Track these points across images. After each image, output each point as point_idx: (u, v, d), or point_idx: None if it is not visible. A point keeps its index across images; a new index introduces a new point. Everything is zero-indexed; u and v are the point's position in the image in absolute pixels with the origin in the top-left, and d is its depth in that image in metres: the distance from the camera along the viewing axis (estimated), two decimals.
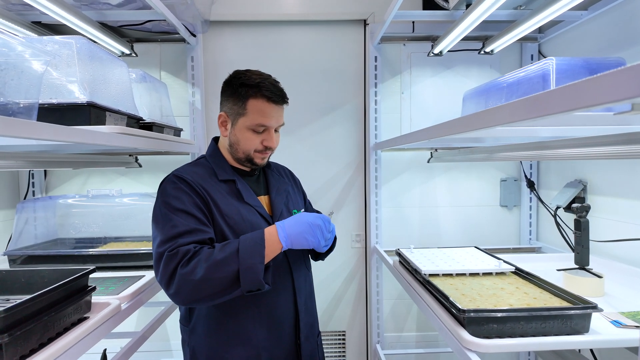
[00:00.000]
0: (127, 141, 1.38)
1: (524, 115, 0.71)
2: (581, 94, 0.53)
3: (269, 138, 1.23)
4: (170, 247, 1.07)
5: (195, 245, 1.08)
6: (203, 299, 1.05)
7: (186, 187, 1.18)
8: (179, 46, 2.22)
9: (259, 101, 1.19)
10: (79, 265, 1.69)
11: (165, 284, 1.06)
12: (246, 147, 1.24)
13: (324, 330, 2.40)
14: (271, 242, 1.09)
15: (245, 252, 1.05)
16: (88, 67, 1.35)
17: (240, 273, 1.03)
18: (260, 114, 1.20)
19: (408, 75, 2.31)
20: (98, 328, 1.15)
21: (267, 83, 1.20)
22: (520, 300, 1.16)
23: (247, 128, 1.22)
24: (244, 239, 1.09)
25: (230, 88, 1.24)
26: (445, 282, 1.36)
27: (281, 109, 1.24)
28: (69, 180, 2.25)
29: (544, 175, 2.26)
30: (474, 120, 0.89)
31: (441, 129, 1.12)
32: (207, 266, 1.02)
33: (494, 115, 0.82)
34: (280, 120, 1.25)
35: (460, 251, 1.73)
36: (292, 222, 1.13)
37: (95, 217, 1.92)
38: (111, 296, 1.34)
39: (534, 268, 1.48)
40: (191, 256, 1.05)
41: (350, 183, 2.37)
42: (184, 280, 1.03)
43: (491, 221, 2.38)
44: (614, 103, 0.48)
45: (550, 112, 0.62)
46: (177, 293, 1.04)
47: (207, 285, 1.03)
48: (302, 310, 1.27)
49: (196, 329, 1.24)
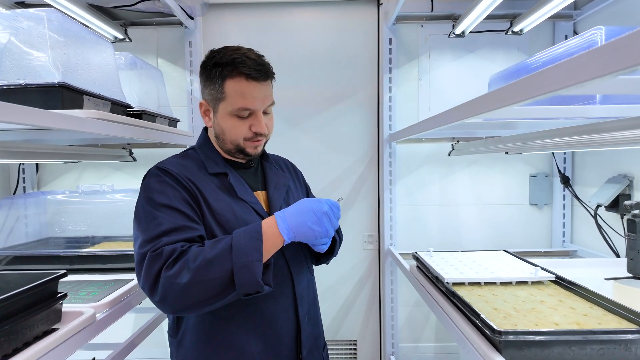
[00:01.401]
0: (107, 128, 1.23)
1: (598, 71, 0.50)
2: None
3: (257, 122, 1.06)
4: (154, 246, 0.92)
5: (183, 244, 0.93)
6: (193, 306, 0.90)
7: (171, 180, 1.02)
8: (177, 31, 2.06)
9: (237, 80, 1.02)
10: (65, 266, 1.56)
11: (149, 290, 0.91)
12: (233, 136, 1.07)
13: (333, 339, 2.21)
14: (270, 235, 0.94)
15: (240, 248, 0.90)
16: (62, 45, 1.20)
17: (235, 273, 0.88)
18: (240, 96, 1.02)
19: (426, 59, 2.10)
20: (66, 342, 0.99)
21: (244, 57, 1.01)
22: (567, 318, 0.95)
23: (229, 114, 1.05)
24: (238, 234, 0.94)
25: (206, 71, 1.07)
26: (473, 293, 1.15)
27: (266, 86, 1.06)
28: (62, 175, 2.12)
29: (579, 170, 2.02)
30: (520, 88, 0.69)
31: (473, 107, 0.91)
32: (196, 267, 0.88)
33: (546, 78, 0.62)
34: (267, 100, 1.06)
35: (487, 255, 1.51)
36: (294, 210, 0.98)
37: (86, 214, 1.78)
38: (86, 304, 1.18)
39: (574, 276, 1.26)
40: (177, 256, 0.90)
41: (362, 179, 2.17)
42: (169, 284, 0.88)
43: (519, 221, 2.15)
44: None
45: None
46: (163, 299, 0.90)
47: (197, 289, 0.88)
48: (304, 321, 1.11)
49: (184, 341, 1.09)
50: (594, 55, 0.51)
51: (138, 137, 1.42)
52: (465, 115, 0.95)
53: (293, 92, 2.14)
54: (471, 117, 0.93)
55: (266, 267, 0.94)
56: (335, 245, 1.18)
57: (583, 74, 0.53)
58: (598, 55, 0.51)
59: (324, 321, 2.17)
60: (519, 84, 0.72)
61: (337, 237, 1.18)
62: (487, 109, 0.83)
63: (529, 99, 0.69)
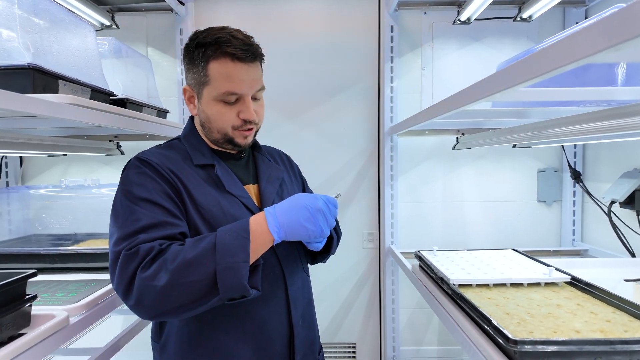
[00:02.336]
0: (85, 115, 1.13)
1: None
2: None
3: (245, 108, 0.96)
4: (129, 244, 0.83)
5: (162, 242, 0.83)
6: (172, 311, 0.81)
7: (152, 172, 0.93)
8: (167, 17, 1.97)
9: (222, 62, 0.92)
10: (46, 265, 1.47)
11: (123, 292, 0.82)
12: (220, 124, 0.97)
13: (331, 341, 2.11)
14: (258, 233, 0.85)
15: (225, 247, 0.81)
16: (35, 25, 1.10)
17: (218, 275, 0.79)
18: (226, 79, 0.92)
19: (430, 48, 2.00)
20: (33, 348, 0.90)
21: (229, 37, 0.92)
22: (588, 325, 0.85)
23: (214, 100, 0.95)
24: (222, 232, 0.84)
25: (189, 52, 0.97)
26: (481, 296, 1.06)
27: (254, 68, 0.96)
28: (48, 170, 2.03)
29: (591, 165, 1.91)
30: (531, 64, 0.59)
31: (480, 89, 0.81)
32: (175, 268, 0.78)
33: (576, 44, 0.52)
34: (256, 84, 0.97)
35: (495, 254, 1.41)
36: (286, 206, 0.88)
37: (69, 210, 1.69)
38: (60, 306, 1.08)
39: (590, 277, 1.16)
40: (155, 256, 0.81)
41: (363, 174, 2.07)
42: (145, 286, 0.79)
43: (526, 219, 2.05)
44: None
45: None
46: (139, 303, 0.80)
47: (176, 292, 0.79)
48: (298, 324, 1.01)
49: (167, 347, 1.00)
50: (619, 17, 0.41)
51: (121, 126, 1.33)
52: (471, 99, 0.85)
53: (290, 83, 2.04)
54: (478, 101, 0.83)
55: (254, 269, 0.85)
56: (332, 243, 1.08)
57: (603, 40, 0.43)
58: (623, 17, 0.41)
59: (322, 323, 2.09)
60: (530, 59, 0.62)
61: (334, 234, 1.08)
62: (495, 90, 0.73)
63: (540, 77, 0.59)
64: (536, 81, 0.63)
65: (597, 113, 0.88)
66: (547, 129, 1.08)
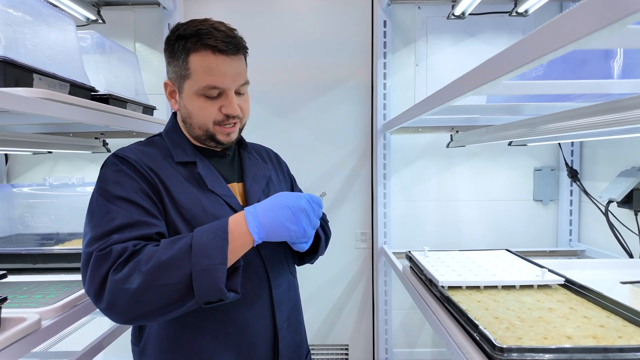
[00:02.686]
0: (61, 111, 1.09)
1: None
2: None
3: (228, 103, 0.92)
4: (102, 245, 0.79)
5: (136, 243, 0.80)
6: (146, 315, 0.77)
7: (129, 169, 0.89)
8: (155, 12, 1.92)
9: (203, 55, 0.88)
10: (28, 265, 1.44)
11: (94, 295, 0.78)
12: (201, 120, 0.93)
13: (323, 343, 2.07)
14: (238, 234, 0.81)
15: (201, 248, 0.77)
16: (7, 17, 1.06)
17: (194, 278, 0.75)
18: (207, 72, 0.88)
19: (424, 43, 1.95)
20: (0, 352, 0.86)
21: (211, 28, 0.88)
22: (581, 330, 0.81)
23: (195, 94, 0.91)
24: (199, 232, 0.80)
25: (169, 45, 0.94)
26: (471, 299, 1.01)
27: (237, 61, 0.92)
28: (34, 168, 1.99)
29: (588, 163, 1.87)
30: (531, 44, 0.55)
31: (470, 79, 0.77)
32: (148, 270, 0.75)
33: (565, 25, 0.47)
34: (239, 78, 0.92)
35: (488, 255, 1.37)
36: (267, 205, 0.84)
37: (52, 209, 1.65)
38: (33, 309, 1.04)
39: (585, 278, 1.12)
40: (128, 257, 0.77)
41: (355, 173, 2.03)
42: (117, 289, 0.75)
43: (522, 219, 2.01)
44: None
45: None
46: (111, 307, 0.77)
47: (149, 295, 0.75)
48: (282, 328, 0.98)
49: (146, 350, 0.96)
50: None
51: (103, 123, 1.29)
52: (459, 91, 0.81)
53: (281, 79, 1.99)
54: (467, 93, 0.79)
55: (234, 271, 0.81)
56: (319, 244, 1.04)
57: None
58: None
59: (314, 324, 2.05)
60: (517, 46, 0.58)
61: (321, 234, 1.04)
62: (482, 82, 0.69)
63: (528, 64, 0.55)
64: (525, 69, 0.59)
65: (591, 107, 0.84)
66: (541, 125, 1.04)
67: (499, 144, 1.93)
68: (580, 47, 0.46)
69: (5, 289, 1.22)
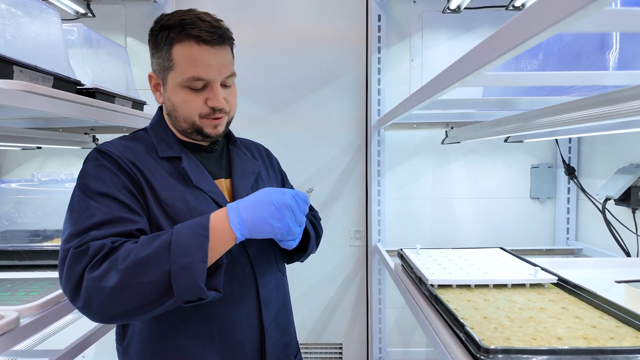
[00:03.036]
0: (43, 104, 1.07)
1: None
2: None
3: (213, 95, 0.89)
4: (79, 242, 0.76)
5: (115, 239, 0.77)
6: (124, 314, 0.75)
7: (110, 164, 0.86)
8: (147, 6, 1.90)
9: (186, 45, 0.85)
10: (14, 262, 1.41)
11: (70, 293, 0.75)
12: (186, 112, 0.90)
13: (317, 342, 2.05)
14: (219, 231, 0.78)
15: (180, 246, 0.74)
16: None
17: (173, 276, 0.72)
18: (190, 63, 0.85)
19: (419, 38, 1.92)
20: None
21: (195, 19, 0.85)
22: (572, 331, 0.78)
23: (180, 86, 0.88)
24: (179, 229, 0.77)
25: (153, 36, 0.91)
26: (460, 298, 0.99)
27: (222, 52, 0.89)
28: (24, 164, 1.97)
29: (586, 160, 1.84)
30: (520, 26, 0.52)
31: (456, 70, 0.74)
32: (126, 267, 0.72)
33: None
34: (224, 69, 0.89)
35: (481, 253, 1.34)
36: (251, 202, 0.81)
37: (38, 205, 1.62)
38: (12, 306, 1.02)
39: (580, 277, 1.09)
40: (105, 254, 0.74)
41: (350, 169, 2.00)
42: (93, 287, 0.72)
43: (519, 217, 1.98)
44: None
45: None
46: (87, 306, 0.74)
47: (126, 294, 0.72)
48: (270, 328, 0.95)
49: (130, 350, 0.93)
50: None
51: (88, 117, 1.26)
52: (447, 82, 0.78)
53: (274, 74, 1.96)
54: (454, 85, 0.76)
55: (216, 269, 0.78)
56: (309, 241, 1.01)
57: None
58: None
59: (307, 322, 2.03)
60: (500, 33, 0.55)
61: (311, 231, 1.01)
62: (467, 72, 0.66)
63: (513, 50, 0.53)
64: (510, 56, 0.56)
65: (583, 101, 0.81)
66: (533, 120, 1.01)
67: (495, 140, 1.89)
68: (558, 31, 0.43)
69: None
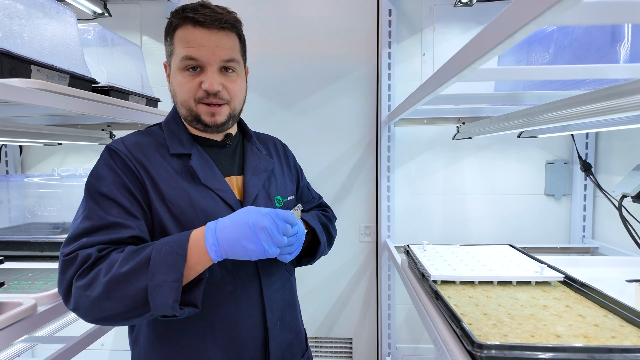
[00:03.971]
0: (57, 101, 1.11)
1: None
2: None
3: (207, 78, 0.88)
4: (71, 249, 0.79)
5: (102, 248, 0.79)
6: (109, 319, 0.78)
7: (116, 162, 0.87)
8: (161, 5, 1.94)
9: (185, 28, 0.87)
10: (36, 253, 1.49)
11: (63, 297, 0.79)
12: (183, 96, 0.90)
13: (327, 336, 2.06)
14: (195, 251, 0.78)
15: (157, 263, 0.75)
16: (6, 10, 1.08)
17: (149, 292, 0.74)
18: (185, 43, 0.86)
19: (430, 32, 1.89)
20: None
21: (197, 5, 0.87)
22: (572, 329, 0.77)
23: (178, 69, 0.89)
24: (159, 245, 0.78)
25: (165, 27, 0.94)
26: (463, 294, 0.98)
27: (220, 35, 0.88)
28: (46, 159, 2.05)
29: (603, 157, 1.78)
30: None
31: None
32: (108, 280, 0.74)
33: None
34: (220, 52, 0.88)
35: (489, 250, 1.33)
36: (228, 222, 0.79)
37: (60, 198, 1.69)
38: (31, 294, 1.07)
39: (592, 276, 1.07)
40: (92, 263, 0.77)
41: (360, 165, 2.00)
42: (79, 295, 0.76)
43: (533, 214, 1.93)
44: None
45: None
46: (76, 309, 0.78)
47: (109, 304, 0.75)
48: (274, 328, 0.94)
49: (138, 341, 0.95)
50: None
51: (103, 114, 1.31)
52: (444, 78, 0.77)
53: (285, 70, 1.98)
54: (452, 79, 0.75)
55: (197, 283, 0.79)
56: (318, 248, 1.01)
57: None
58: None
59: (318, 317, 2.05)
60: (496, 22, 0.55)
61: (321, 238, 1.00)
62: (466, 63, 0.65)
63: (511, 37, 0.52)
64: (500, 51, 0.56)
65: (586, 95, 0.79)
66: (540, 115, 0.99)
67: (508, 136, 1.86)
68: (541, 25, 0.43)
69: (11, 275, 1.27)
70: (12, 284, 1.17)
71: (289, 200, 1.04)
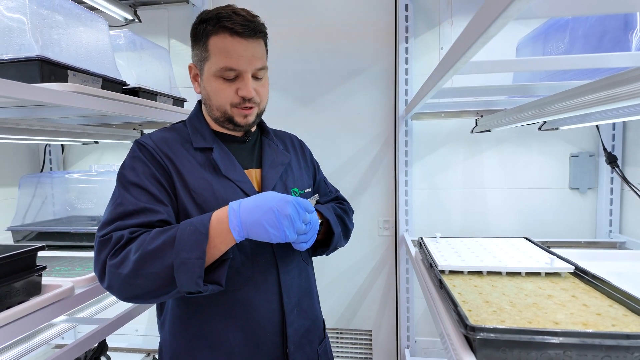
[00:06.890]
0: (91, 102, 1.22)
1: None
2: None
3: (244, 85, 0.94)
4: (106, 231, 0.87)
5: (133, 230, 0.86)
6: (140, 296, 0.85)
7: (145, 155, 0.95)
8: (187, 10, 2.04)
9: (221, 37, 0.92)
10: (76, 243, 1.62)
11: (98, 276, 0.87)
12: (219, 101, 0.97)
13: (347, 327, 2.11)
14: (219, 231, 0.83)
15: (182, 242, 0.81)
16: (45, 20, 1.20)
17: (175, 269, 0.80)
18: (224, 54, 0.92)
19: (449, 26, 1.89)
20: (35, 313, 1.00)
21: (231, 13, 0.92)
22: (573, 317, 0.78)
23: (214, 76, 0.95)
24: (184, 225, 0.84)
25: (193, 30, 0.99)
26: (468, 283, 1.00)
27: (254, 44, 0.95)
28: (85, 157, 2.21)
29: (631, 149, 1.72)
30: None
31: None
32: (137, 258, 0.81)
33: None
34: (256, 61, 0.95)
35: (503, 243, 1.33)
36: (252, 204, 0.84)
37: (96, 193, 1.83)
38: (69, 278, 1.19)
39: (613, 270, 1.06)
40: (124, 244, 0.84)
41: (378, 160, 2.02)
42: (112, 273, 0.83)
43: (557, 208, 1.89)
44: None
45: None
46: (110, 287, 0.85)
47: (138, 281, 0.82)
48: (291, 313, 0.99)
49: (165, 324, 1.03)
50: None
51: (133, 114, 1.41)
52: (442, 71, 0.79)
53: (303, 67, 2.03)
54: (451, 70, 0.78)
55: (221, 263, 0.84)
56: (332, 238, 1.05)
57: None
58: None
59: (338, 308, 2.10)
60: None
61: (335, 230, 1.04)
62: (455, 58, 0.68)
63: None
64: (482, 44, 0.58)
65: (590, 85, 0.79)
66: (549, 105, 0.98)
67: (530, 128, 1.82)
68: (510, 18, 0.45)
69: (54, 262, 1.40)
70: (55, 269, 1.30)
71: (306, 192, 1.09)
